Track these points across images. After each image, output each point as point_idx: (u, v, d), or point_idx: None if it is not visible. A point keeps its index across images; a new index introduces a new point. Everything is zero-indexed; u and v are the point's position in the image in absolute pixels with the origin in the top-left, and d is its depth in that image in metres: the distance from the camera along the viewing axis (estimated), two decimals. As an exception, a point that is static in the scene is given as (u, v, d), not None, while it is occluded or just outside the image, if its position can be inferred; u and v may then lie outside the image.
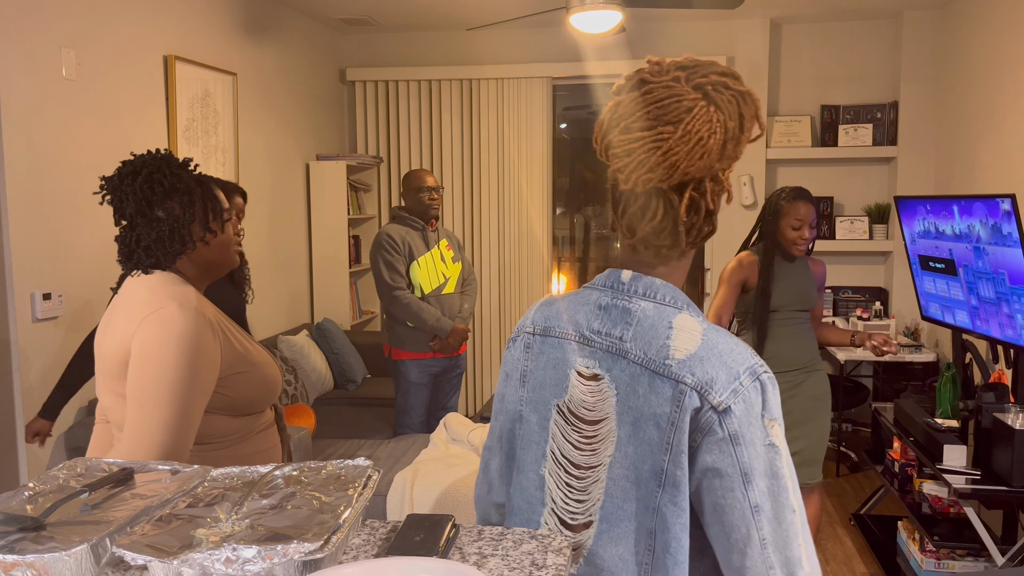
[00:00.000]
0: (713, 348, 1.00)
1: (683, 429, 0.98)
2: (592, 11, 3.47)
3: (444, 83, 5.24)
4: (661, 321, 1.03)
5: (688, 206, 1.03)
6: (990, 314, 3.25)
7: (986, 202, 3.06)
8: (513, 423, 1.17)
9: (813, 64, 5.05)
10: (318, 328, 4.60)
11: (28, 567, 0.79)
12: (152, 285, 1.46)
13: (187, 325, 1.39)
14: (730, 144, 1.02)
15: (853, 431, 5.03)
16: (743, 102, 1.03)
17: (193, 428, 1.39)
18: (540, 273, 5.29)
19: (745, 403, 0.97)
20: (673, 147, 1.00)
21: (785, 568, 0.97)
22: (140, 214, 1.47)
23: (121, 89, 3.20)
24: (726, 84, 1.02)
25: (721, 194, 1.06)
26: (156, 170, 1.46)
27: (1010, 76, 3.78)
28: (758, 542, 0.97)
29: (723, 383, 0.98)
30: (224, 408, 1.48)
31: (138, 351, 1.39)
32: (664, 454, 0.99)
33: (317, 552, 0.79)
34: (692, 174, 1.02)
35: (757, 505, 0.97)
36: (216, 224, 1.53)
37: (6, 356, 2.68)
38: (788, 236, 2.82)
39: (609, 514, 1.04)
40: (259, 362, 1.54)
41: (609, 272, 1.11)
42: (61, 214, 2.88)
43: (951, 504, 3.15)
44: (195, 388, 1.39)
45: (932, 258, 3.60)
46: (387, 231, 3.62)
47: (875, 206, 4.97)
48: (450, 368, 3.83)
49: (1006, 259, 3.03)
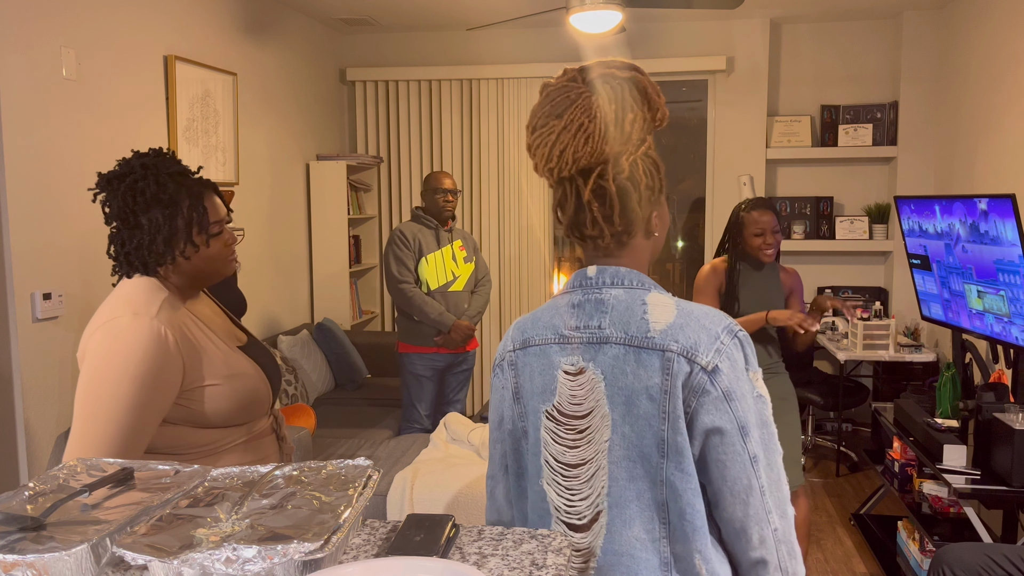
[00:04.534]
0: (689, 315, 1.05)
1: (676, 395, 1.02)
2: (592, 11, 3.47)
3: (444, 83, 5.24)
4: (634, 302, 1.07)
5: (594, 191, 1.08)
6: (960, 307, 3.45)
7: (988, 201, 3.06)
8: (518, 442, 1.18)
9: (813, 64, 5.05)
10: (318, 328, 4.60)
11: (28, 567, 0.79)
12: (124, 291, 1.42)
13: (138, 336, 1.34)
14: (613, 127, 1.06)
15: (853, 431, 5.03)
16: (630, 87, 1.08)
17: (139, 442, 1.34)
18: (540, 273, 5.29)
19: (730, 360, 1.03)
20: (560, 137, 1.07)
21: (779, 509, 1.04)
22: (122, 220, 1.42)
23: (121, 89, 3.20)
24: (612, 74, 1.08)
25: (636, 180, 1.09)
26: (142, 177, 1.41)
27: (1010, 76, 3.78)
28: (759, 490, 1.02)
29: (706, 344, 1.02)
30: (188, 420, 1.42)
31: (87, 361, 1.35)
32: (663, 423, 1.03)
33: (317, 552, 0.79)
34: (585, 160, 1.07)
35: (755, 455, 1.02)
36: (200, 238, 1.45)
37: (6, 356, 2.68)
38: (753, 244, 2.93)
39: (617, 498, 1.06)
40: (238, 374, 1.47)
41: (576, 273, 1.15)
42: (61, 214, 2.88)
43: (951, 504, 3.15)
44: (142, 401, 1.33)
45: (916, 255, 3.63)
46: (400, 228, 3.78)
47: (875, 206, 4.97)
48: (456, 364, 3.88)
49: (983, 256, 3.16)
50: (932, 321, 3.73)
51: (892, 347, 4.34)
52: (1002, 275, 3.06)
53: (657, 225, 1.14)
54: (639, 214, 1.10)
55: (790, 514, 1.05)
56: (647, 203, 1.11)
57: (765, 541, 1.03)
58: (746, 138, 5.03)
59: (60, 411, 2.89)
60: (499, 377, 1.20)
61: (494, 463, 1.24)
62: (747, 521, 1.02)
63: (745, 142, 5.04)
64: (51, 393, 2.84)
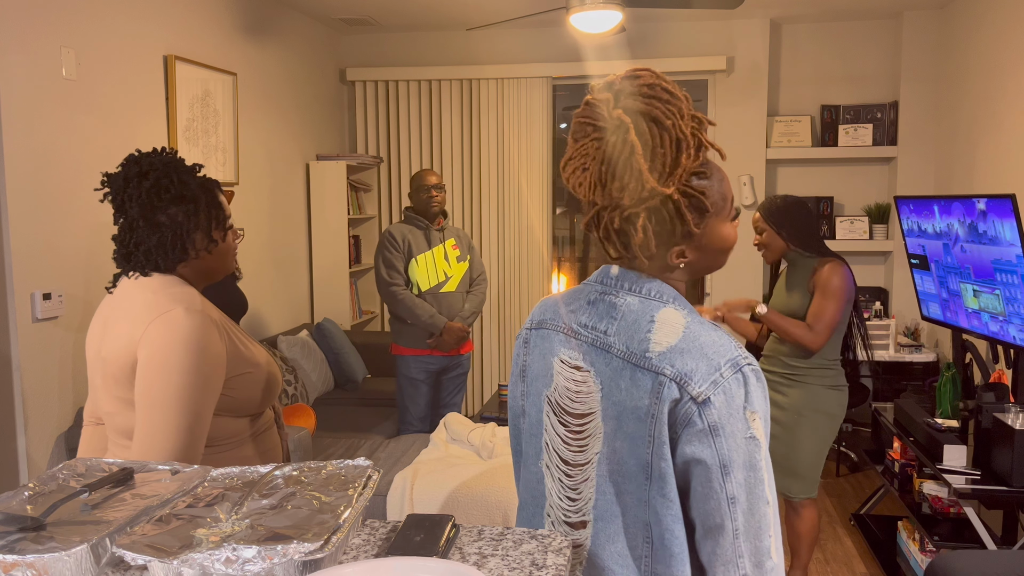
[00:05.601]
0: (694, 340, 1.00)
1: (662, 420, 0.99)
2: (592, 11, 3.47)
3: (444, 83, 5.24)
4: (644, 315, 1.04)
5: (606, 226, 1.06)
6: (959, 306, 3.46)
7: (987, 201, 3.06)
8: (517, 419, 1.20)
9: (813, 64, 5.05)
10: (318, 328, 4.60)
11: (28, 567, 0.79)
12: (154, 288, 1.43)
13: (194, 328, 1.38)
14: (657, 159, 1.00)
15: (853, 431, 5.03)
16: (660, 132, 1.00)
17: (204, 432, 1.38)
18: (540, 273, 5.29)
19: (726, 395, 0.98)
20: (580, 171, 1.05)
21: (753, 557, 0.99)
22: (143, 218, 1.44)
23: (121, 89, 3.20)
24: (649, 112, 1.01)
25: (671, 213, 1.03)
26: (164, 175, 1.44)
27: (1010, 76, 3.78)
28: (731, 532, 0.98)
29: (703, 375, 0.98)
30: (229, 409, 1.47)
31: (146, 356, 1.36)
32: (647, 447, 1.00)
33: (317, 552, 0.79)
34: (600, 200, 1.04)
35: (733, 496, 0.98)
36: (218, 233, 1.51)
37: (6, 356, 2.68)
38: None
39: (603, 512, 1.05)
40: (261, 362, 1.53)
41: (602, 268, 1.13)
42: (61, 214, 2.87)
43: (951, 504, 3.15)
44: (205, 392, 1.37)
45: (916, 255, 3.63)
46: (389, 229, 3.74)
47: (875, 206, 4.97)
48: (451, 367, 3.84)
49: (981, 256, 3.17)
50: (932, 321, 3.73)
51: (892, 347, 4.34)
52: (999, 275, 3.07)
53: (684, 258, 1.07)
54: (659, 252, 1.06)
55: (769, 567, 0.99)
56: (666, 242, 1.05)
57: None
58: (746, 138, 5.03)
59: (60, 411, 2.89)
60: (517, 351, 1.22)
61: (511, 436, 1.27)
62: (713, 559, 1.00)
63: (745, 142, 5.04)
64: (51, 393, 2.84)
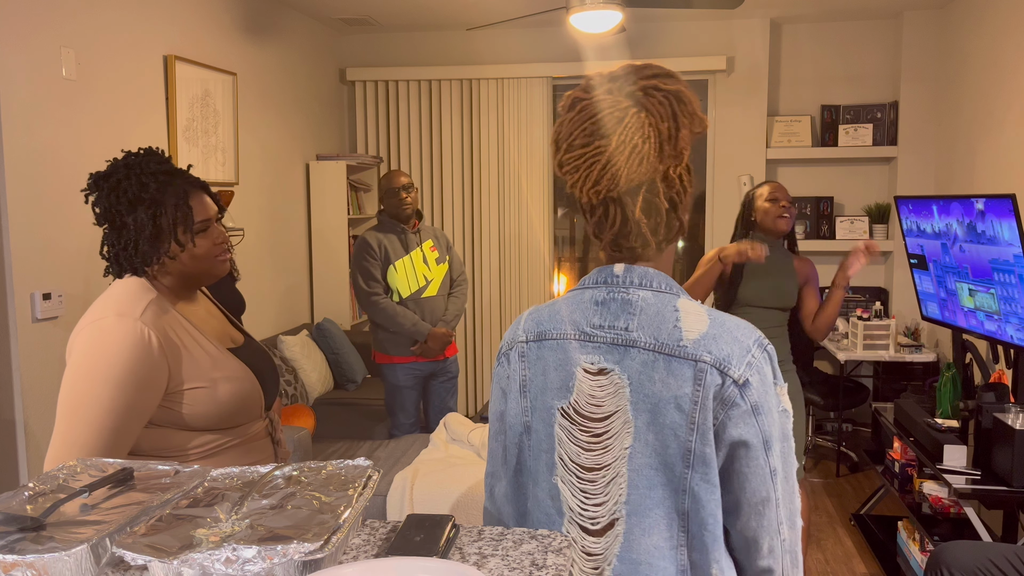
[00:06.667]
0: (722, 326, 1.05)
1: (707, 406, 1.01)
2: (592, 11, 3.47)
3: (444, 83, 5.24)
4: (665, 307, 1.06)
5: (643, 209, 1.07)
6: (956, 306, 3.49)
7: (985, 201, 3.07)
8: (519, 437, 1.15)
9: (813, 64, 5.05)
10: (318, 328, 4.60)
11: (28, 567, 0.79)
12: (111, 292, 1.42)
13: (122, 337, 1.33)
14: (667, 145, 1.04)
15: (853, 431, 5.03)
16: (676, 101, 1.05)
17: (122, 444, 1.33)
18: (540, 273, 5.29)
19: (759, 374, 1.03)
20: (612, 158, 1.04)
21: (789, 520, 1.06)
22: (107, 221, 1.43)
23: (121, 89, 3.20)
24: (656, 86, 1.05)
25: (680, 191, 1.10)
26: (124, 177, 1.41)
27: (1010, 76, 3.78)
28: (774, 502, 1.03)
29: (738, 357, 1.02)
30: (173, 423, 1.41)
31: (71, 361, 1.34)
32: (691, 434, 1.02)
33: (317, 552, 0.79)
34: (637, 179, 1.05)
35: (775, 469, 1.03)
36: (185, 237, 1.44)
37: (6, 356, 2.68)
38: (768, 211, 2.84)
39: (637, 506, 1.05)
40: (226, 377, 1.45)
41: (600, 269, 1.12)
42: (61, 214, 2.87)
43: (951, 504, 3.15)
44: (124, 403, 1.32)
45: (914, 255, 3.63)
46: (364, 236, 3.61)
47: (875, 206, 4.97)
48: (439, 372, 3.76)
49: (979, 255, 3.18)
50: (932, 321, 3.73)
51: (892, 347, 4.34)
52: (996, 274, 3.07)
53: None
54: (683, 222, 1.11)
55: (798, 525, 1.07)
56: (686, 210, 1.11)
57: (774, 551, 1.05)
58: (746, 138, 5.03)
59: (60, 411, 2.89)
60: (504, 367, 1.16)
61: (495, 459, 1.20)
62: (760, 531, 1.04)
63: (745, 142, 5.04)
64: (51, 393, 2.84)
